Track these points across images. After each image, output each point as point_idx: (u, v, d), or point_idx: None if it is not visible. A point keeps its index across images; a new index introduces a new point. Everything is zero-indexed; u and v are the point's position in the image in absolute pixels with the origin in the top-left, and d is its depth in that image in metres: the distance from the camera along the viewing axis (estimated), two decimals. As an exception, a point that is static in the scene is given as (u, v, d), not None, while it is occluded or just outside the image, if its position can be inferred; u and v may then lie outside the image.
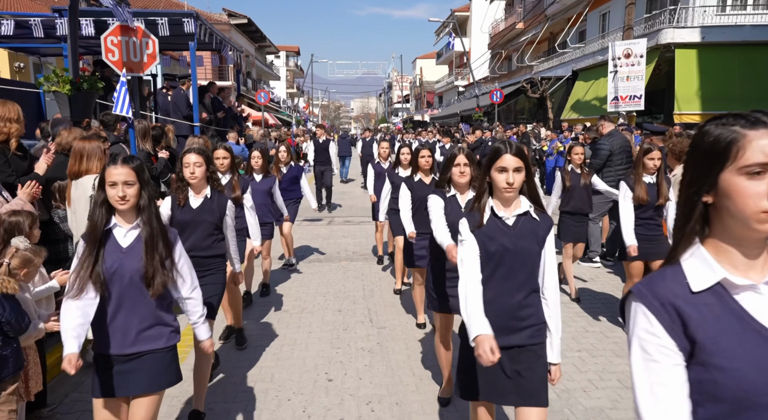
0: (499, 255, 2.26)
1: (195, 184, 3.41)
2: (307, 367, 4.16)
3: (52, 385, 3.76)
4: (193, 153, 3.36)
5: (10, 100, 4.04)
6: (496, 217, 2.28)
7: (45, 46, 10.58)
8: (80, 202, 3.68)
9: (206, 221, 3.40)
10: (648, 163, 4.44)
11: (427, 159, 4.56)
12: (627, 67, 14.51)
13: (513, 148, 2.22)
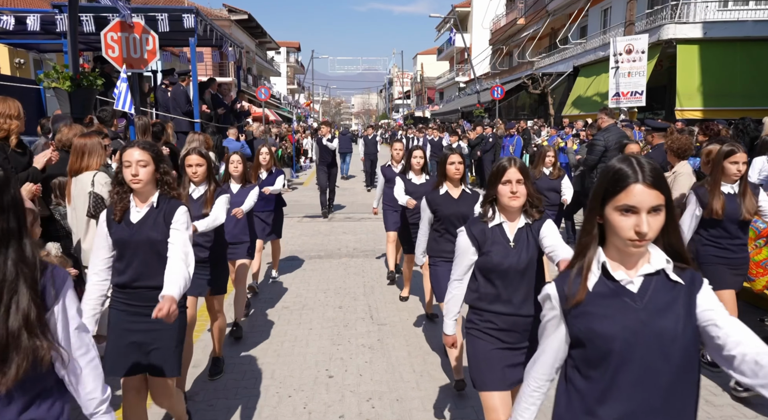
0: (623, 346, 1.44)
1: (139, 190, 2.57)
2: (308, 363, 4.16)
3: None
4: (136, 148, 2.55)
5: (10, 97, 4.02)
6: (610, 280, 1.49)
7: (45, 42, 10.56)
8: (79, 198, 3.68)
9: (150, 239, 2.53)
10: (730, 168, 3.61)
11: (457, 166, 3.73)
12: (628, 63, 14.46)
13: (646, 173, 1.42)
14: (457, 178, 3.79)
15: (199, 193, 3.67)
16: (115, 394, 2.61)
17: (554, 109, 22.55)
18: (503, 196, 2.41)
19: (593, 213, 1.51)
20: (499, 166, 2.44)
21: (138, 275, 2.58)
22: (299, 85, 61.93)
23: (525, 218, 2.49)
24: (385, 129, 46.03)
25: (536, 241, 2.45)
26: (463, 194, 3.79)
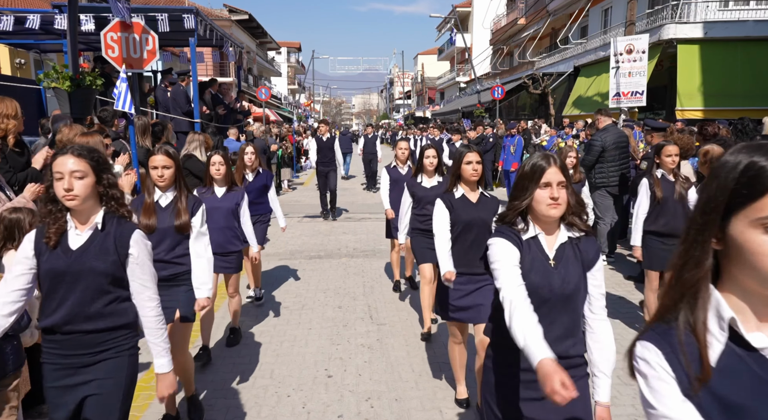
0: None
1: (76, 209, 2.05)
2: (307, 363, 4.16)
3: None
4: (69, 155, 2.01)
5: (8, 97, 4.03)
6: (742, 348, 1.20)
7: (46, 42, 10.57)
8: None
9: (93, 271, 2.05)
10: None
11: (475, 166, 3.30)
12: (629, 63, 14.45)
13: None
14: (473, 181, 3.34)
15: (168, 200, 3.19)
16: None
17: (555, 109, 22.55)
18: (540, 204, 1.92)
19: (706, 232, 0.98)
20: (535, 166, 1.93)
21: (72, 316, 2.04)
22: (300, 85, 61.96)
23: (567, 231, 2.01)
24: (386, 129, 46.04)
25: (583, 262, 1.99)
26: (481, 198, 3.36)
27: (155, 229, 3.11)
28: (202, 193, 4.10)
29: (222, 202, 4.19)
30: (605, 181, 6.76)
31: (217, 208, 4.10)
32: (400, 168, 5.83)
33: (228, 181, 4.24)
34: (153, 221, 3.12)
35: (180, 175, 3.20)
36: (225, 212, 4.17)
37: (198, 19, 8.84)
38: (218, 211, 4.10)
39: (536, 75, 23.38)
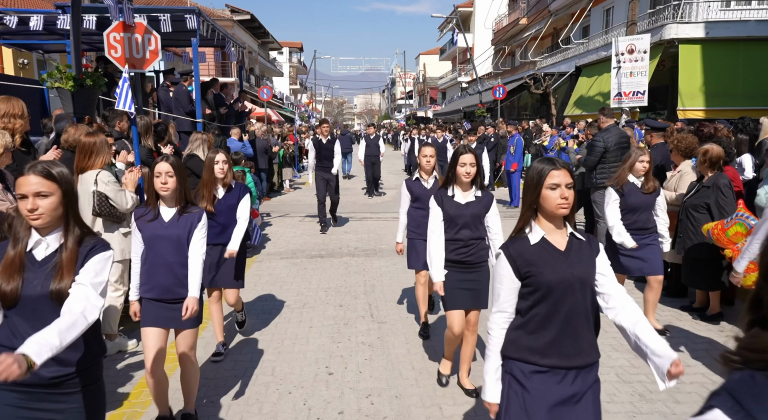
0: None
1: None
2: (308, 360, 4.20)
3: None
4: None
5: (15, 97, 4.07)
6: None
7: (48, 43, 10.62)
8: (84, 197, 3.72)
9: None
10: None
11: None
12: (630, 62, 14.46)
13: None
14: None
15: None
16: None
17: (556, 109, 22.57)
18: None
19: None
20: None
21: None
22: (302, 85, 62.01)
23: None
24: (388, 129, 46.04)
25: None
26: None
27: None
28: (142, 216, 3.06)
29: (171, 229, 3.02)
30: (607, 180, 6.77)
31: (163, 237, 3.00)
32: (424, 181, 4.54)
33: (179, 199, 3.06)
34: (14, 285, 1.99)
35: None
36: (175, 243, 3.01)
37: (200, 19, 8.87)
38: (165, 241, 3.00)
39: (538, 75, 23.40)
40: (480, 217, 3.55)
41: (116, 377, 3.91)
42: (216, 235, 4.04)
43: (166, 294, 3.00)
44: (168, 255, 2.98)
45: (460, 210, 3.50)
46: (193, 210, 3.11)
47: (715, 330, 4.82)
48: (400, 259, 7.29)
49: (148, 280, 3.03)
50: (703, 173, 4.99)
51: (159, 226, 3.01)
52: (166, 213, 3.06)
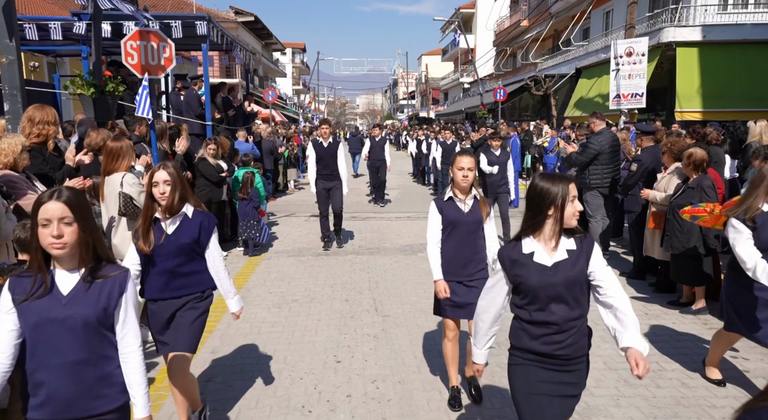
0: None
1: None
2: (317, 350, 4.52)
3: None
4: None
5: (47, 105, 4.40)
6: None
7: (60, 48, 10.95)
8: (111, 197, 4.05)
9: None
10: None
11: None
12: (629, 65, 14.76)
13: None
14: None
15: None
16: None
17: (557, 110, 22.86)
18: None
19: None
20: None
21: None
22: (304, 85, 62.34)
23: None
24: (391, 129, 46.28)
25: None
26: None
27: None
28: (18, 286, 1.94)
29: (73, 308, 1.94)
30: (599, 182, 7.08)
31: (60, 320, 1.91)
32: (460, 201, 3.44)
33: (82, 250, 1.94)
34: None
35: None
36: (81, 331, 1.94)
37: (210, 25, 9.20)
38: (62, 327, 1.92)
39: (538, 76, 23.68)
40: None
41: (141, 364, 4.24)
42: (161, 288, 2.97)
43: (69, 413, 1.96)
44: (71, 351, 1.93)
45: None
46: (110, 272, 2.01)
47: (699, 323, 5.12)
48: (403, 257, 7.61)
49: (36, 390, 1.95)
50: (688, 175, 5.29)
51: (52, 304, 1.92)
52: (64, 282, 1.96)
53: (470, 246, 3.47)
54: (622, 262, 7.18)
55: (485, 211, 3.46)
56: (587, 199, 7.19)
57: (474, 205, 3.47)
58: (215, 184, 7.50)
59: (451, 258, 3.49)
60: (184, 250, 2.98)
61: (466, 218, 3.43)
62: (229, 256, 7.73)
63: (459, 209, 3.47)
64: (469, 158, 3.36)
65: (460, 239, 3.46)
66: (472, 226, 3.45)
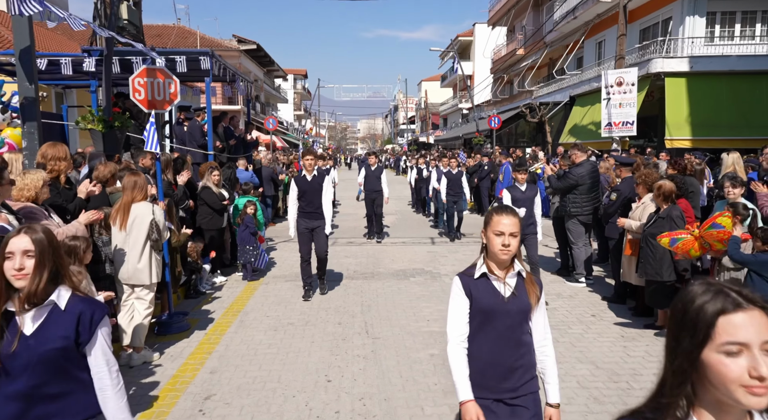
0: None
1: None
2: (310, 370, 4.80)
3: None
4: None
5: (60, 142, 4.78)
6: None
7: (69, 82, 11.43)
8: (135, 224, 4.45)
9: None
10: None
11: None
12: (619, 94, 15.24)
13: None
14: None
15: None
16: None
17: (552, 137, 23.36)
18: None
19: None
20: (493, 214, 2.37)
21: None
22: (306, 111, 63.31)
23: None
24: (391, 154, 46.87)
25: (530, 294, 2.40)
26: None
27: None
28: None
29: None
30: (579, 210, 7.44)
31: None
32: (497, 280, 2.44)
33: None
34: None
35: None
36: None
37: (213, 60, 9.69)
38: None
39: (533, 104, 24.25)
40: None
41: (145, 383, 4.53)
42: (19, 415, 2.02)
43: None
44: None
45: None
46: None
47: (671, 345, 5.40)
48: (395, 282, 7.92)
49: None
50: (659, 205, 5.64)
51: None
52: None
53: (513, 346, 2.39)
54: (606, 287, 7.48)
55: (534, 294, 2.40)
56: (569, 227, 7.53)
57: (519, 287, 2.40)
58: (217, 212, 7.85)
59: (485, 365, 2.39)
60: (49, 360, 2.02)
61: (508, 306, 2.36)
62: (228, 281, 8.04)
63: (496, 292, 2.39)
64: (512, 219, 2.33)
65: (498, 336, 2.38)
66: (516, 318, 2.38)
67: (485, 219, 2.44)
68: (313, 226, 7.03)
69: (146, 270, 4.73)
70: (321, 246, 7.14)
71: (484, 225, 2.43)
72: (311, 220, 7.01)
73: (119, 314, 4.82)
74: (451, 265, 9.04)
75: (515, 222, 2.34)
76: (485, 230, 2.43)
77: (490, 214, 2.42)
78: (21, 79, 4.84)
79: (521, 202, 6.63)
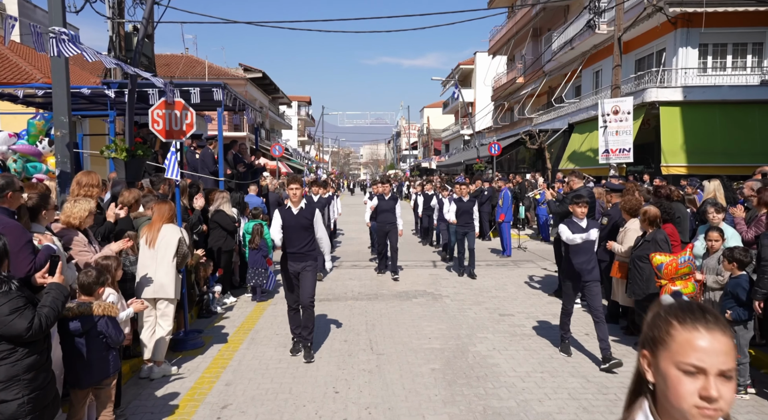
0: None
1: None
2: (318, 383, 5.14)
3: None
4: None
5: (92, 171, 5.22)
6: None
7: (90, 113, 11.98)
8: (162, 244, 4.91)
9: None
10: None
11: None
12: (616, 122, 15.75)
13: None
14: None
15: None
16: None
17: (551, 163, 23.86)
18: None
19: None
20: None
21: None
22: (310, 137, 64.26)
23: None
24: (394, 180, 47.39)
25: None
26: None
27: None
28: None
29: None
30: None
31: None
32: None
33: None
34: None
35: None
36: None
37: (225, 92, 10.23)
38: None
39: (533, 131, 24.83)
40: None
41: (165, 394, 4.87)
42: None
43: None
44: None
45: None
46: None
47: (659, 361, 5.71)
48: (398, 303, 8.26)
49: None
50: (644, 230, 6.03)
51: None
52: None
53: None
54: (600, 308, 7.80)
55: None
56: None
57: None
58: (230, 234, 8.26)
59: None
60: None
61: None
62: (238, 302, 8.40)
63: None
64: (723, 340, 1.17)
65: None
66: None
67: (652, 330, 1.27)
68: (299, 268, 5.89)
69: (171, 285, 5.14)
70: (306, 290, 5.85)
71: (650, 341, 1.27)
72: (297, 261, 5.88)
73: (141, 330, 5.19)
74: (453, 287, 9.38)
75: (729, 346, 1.17)
76: (654, 354, 1.25)
77: (667, 321, 1.24)
78: (57, 113, 5.30)
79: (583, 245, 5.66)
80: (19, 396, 2.87)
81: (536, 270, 10.96)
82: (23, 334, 2.84)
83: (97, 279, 3.81)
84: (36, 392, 2.95)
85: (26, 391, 2.90)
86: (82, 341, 3.58)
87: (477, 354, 5.95)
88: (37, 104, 10.81)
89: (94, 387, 3.68)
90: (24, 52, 18.43)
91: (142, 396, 4.85)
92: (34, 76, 15.59)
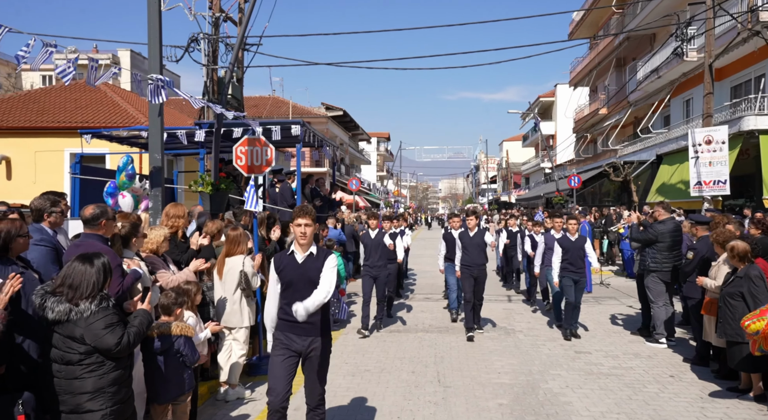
0: None
1: None
2: (383, 412, 5.15)
3: (195, 412, 5.04)
4: None
5: (179, 202, 5.67)
6: None
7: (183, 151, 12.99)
8: (229, 274, 5.16)
9: None
10: None
11: None
12: (709, 152, 14.86)
13: None
14: None
15: None
16: None
17: (638, 196, 22.72)
18: None
19: None
20: None
21: None
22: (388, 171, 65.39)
23: None
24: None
25: None
26: None
27: None
28: None
29: None
30: (658, 267, 7.42)
31: None
32: None
33: None
34: None
35: None
36: None
37: (303, 129, 10.76)
38: None
39: (617, 163, 23.87)
40: None
41: (238, 415, 5.08)
42: None
43: None
44: None
45: None
46: None
47: (754, 410, 5.22)
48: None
49: None
50: (735, 266, 5.61)
51: None
52: None
53: None
54: (689, 349, 7.25)
55: None
56: (647, 284, 7.50)
57: None
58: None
59: None
60: None
61: None
62: (312, 331, 8.60)
63: None
64: None
65: None
66: None
67: None
68: (301, 347, 3.82)
69: (238, 313, 5.40)
70: (314, 384, 3.94)
71: None
72: (299, 335, 3.81)
73: (219, 353, 5.47)
74: (527, 322, 9.10)
75: None
76: None
77: None
78: (152, 151, 5.84)
79: None
80: (103, 407, 3.14)
81: (619, 307, 10.40)
82: (112, 349, 3.14)
83: (175, 300, 4.10)
84: (117, 405, 3.21)
85: (110, 404, 3.17)
86: (161, 359, 3.86)
87: (548, 391, 5.72)
88: (140, 145, 11.86)
89: (172, 402, 3.93)
90: (132, 99, 20.44)
91: (217, 416, 5.09)
92: (139, 120, 17.20)
